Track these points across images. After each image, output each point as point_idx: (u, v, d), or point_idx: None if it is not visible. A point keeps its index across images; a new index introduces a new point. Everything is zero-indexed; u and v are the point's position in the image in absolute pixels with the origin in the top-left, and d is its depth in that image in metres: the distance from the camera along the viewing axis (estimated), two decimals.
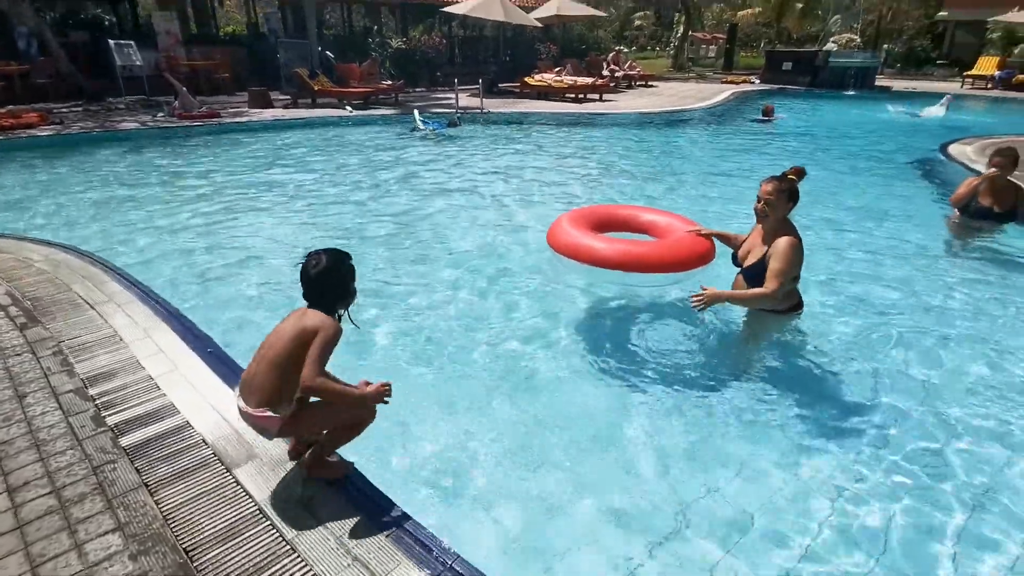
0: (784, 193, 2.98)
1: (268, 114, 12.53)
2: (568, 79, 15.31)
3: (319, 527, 1.98)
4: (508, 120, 12.82)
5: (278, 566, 1.83)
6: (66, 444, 2.38)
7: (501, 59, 20.65)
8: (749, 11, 32.31)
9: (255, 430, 2.09)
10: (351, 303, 2.16)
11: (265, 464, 2.28)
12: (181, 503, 2.08)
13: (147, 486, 2.16)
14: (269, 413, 1.96)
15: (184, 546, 1.90)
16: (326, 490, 2.15)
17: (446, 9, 17.38)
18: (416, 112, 11.71)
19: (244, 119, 11.80)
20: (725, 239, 3.53)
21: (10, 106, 12.27)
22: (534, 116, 13.23)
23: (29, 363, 2.96)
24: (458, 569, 1.83)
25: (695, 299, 2.90)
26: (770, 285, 2.93)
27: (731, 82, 21.10)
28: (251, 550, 1.88)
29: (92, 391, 2.72)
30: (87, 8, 19.60)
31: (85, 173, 8.04)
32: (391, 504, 2.10)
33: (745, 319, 3.56)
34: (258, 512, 2.05)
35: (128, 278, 4.07)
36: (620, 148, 10.44)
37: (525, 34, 21.49)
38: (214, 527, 1.98)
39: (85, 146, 9.58)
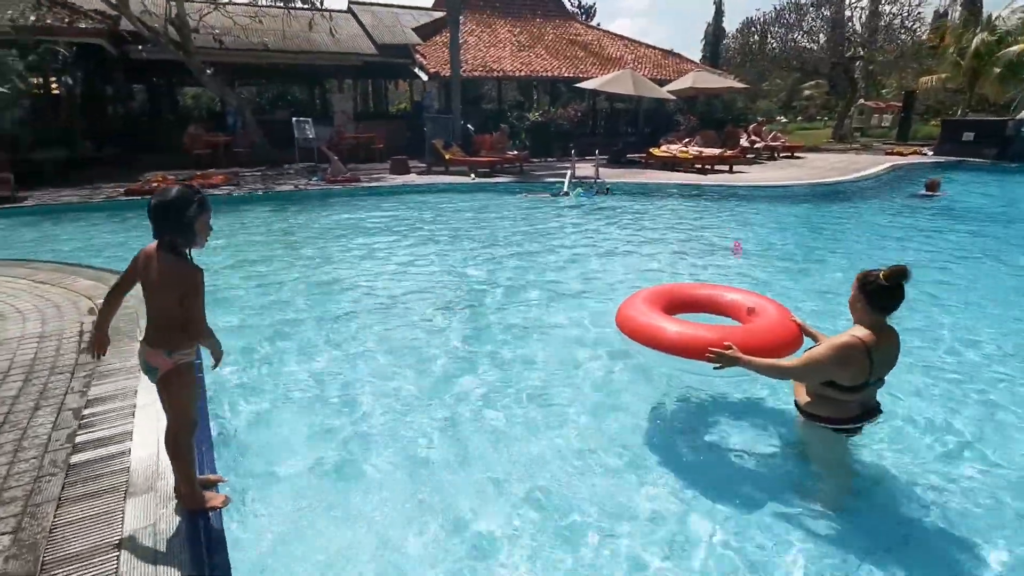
0: (856, 284, 2.61)
1: (401, 179, 13.93)
2: (694, 149, 14.95)
3: (153, 565, 2.11)
4: (624, 190, 12.76)
5: None
6: (35, 454, 2.82)
7: (639, 129, 20.85)
8: (934, 76, 29.09)
9: (145, 370, 2.30)
10: (193, 244, 2.23)
11: (158, 497, 2.49)
12: (70, 521, 2.35)
13: (59, 500, 2.48)
14: (163, 355, 2.21)
15: (43, 560, 2.14)
16: (180, 532, 2.28)
17: (580, 85, 18.12)
18: (567, 177, 12.43)
19: (377, 184, 13.25)
20: (810, 335, 3.13)
21: (210, 169, 15.15)
22: (652, 187, 13.06)
23: (63, 382, 3.58)
24: None
25: (711, 354, 2.67)
26: (793, 360, 2.64)
27: (897, 153, 18.97)
28: None
29: (85, 411, 3.20)
30: (292, 91, 23.77)
31: (232, 221, 9.57)
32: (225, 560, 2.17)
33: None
34: (116, 542, 2.23)
35: None
36: (735, 221, 9.87)
37: (665, 106, 21.54)
38: (75, 549, 2.19)
39: (245, 203, 11.45)
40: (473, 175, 14.25)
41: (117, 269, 6.24)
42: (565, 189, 12.13)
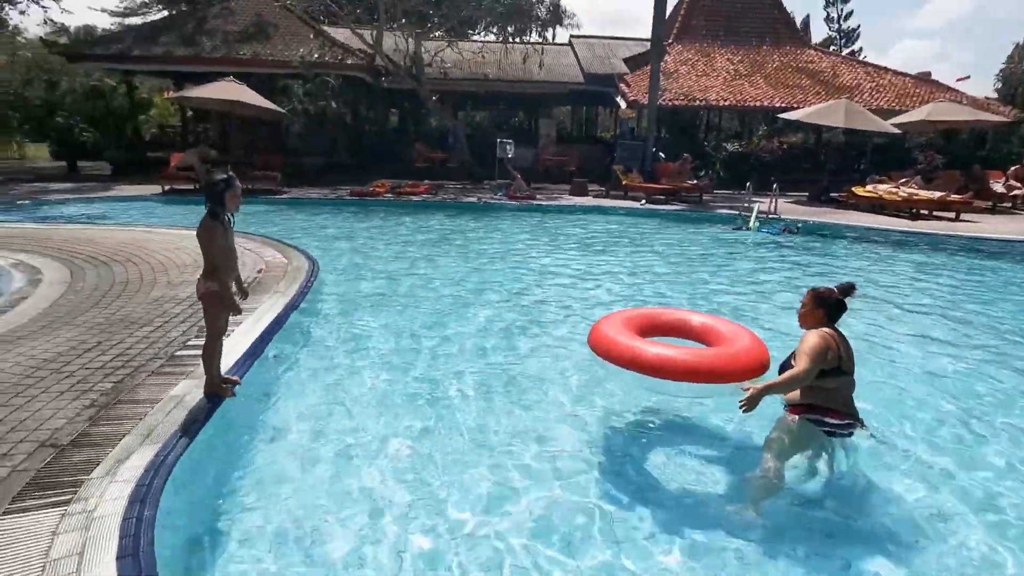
0: (810, 300, 3.12)
1: (576, 200, 14.71)
2: (906, 191, 12.88)
3: (182, 410, 3.15)
4: (814, 230, 11.53)
5: None
6: (161, 347, 4.19)
7: (864, 166, 18.48)
8: None
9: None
10: (226, 210, 3.23)
11: (197, 380, 3.58)
12: (157, 379, 3.56)
13: (153, 372, 3.73)
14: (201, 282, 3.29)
15: (128, 386, 3.34)
16: (200, 402, 3.31)
17: (784, 116, 16.87)
18: (755, 211, 11.77)
19: (549, 203, 14.21)
20: None
21: (426, 181, 17.80)
22: (846, 229, 11.61)
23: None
24: None
25: (742, 402, 2.81)
26: (799, 365, 2.90)
27: None
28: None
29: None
30: (509, 116, 26.36)
31: (416, 220, 11.35)
32: None
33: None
34: (171, 395, 3.35)
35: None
36: (950, 283, 7.70)
37: (903, 140, 18.74)
38: (144, 396, 3.36)
39: (432, 208, 13.36)
40: (644, 201, 14.37)
41: (306, 244, 8.13)
42: (750, 224, 11.38)
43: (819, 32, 51.69)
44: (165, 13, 27.43)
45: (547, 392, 4.12)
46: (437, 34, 18.79)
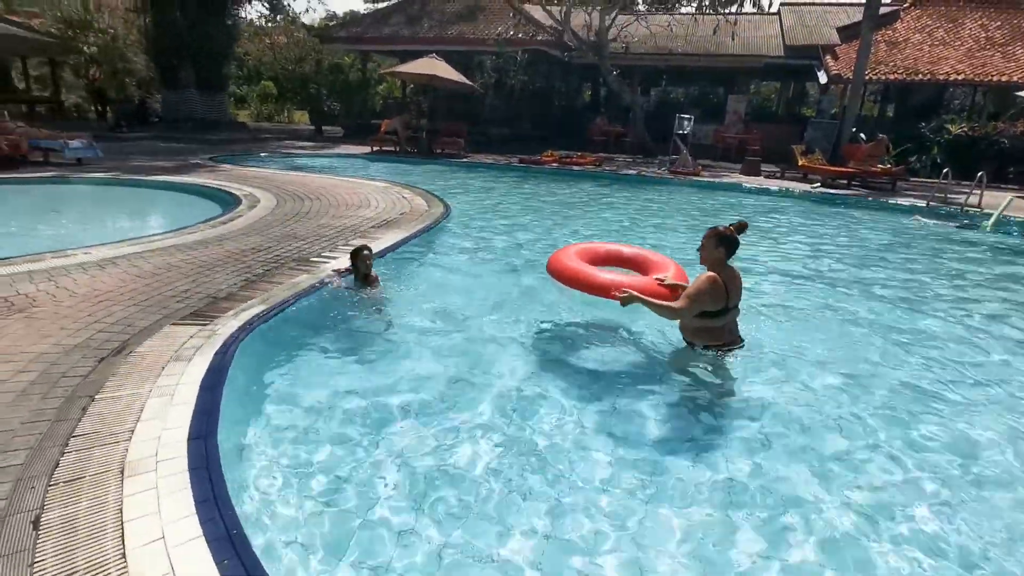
0: (711, 239, 3.42)
1: (743, 179, 14.11)
2: None
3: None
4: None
5: None
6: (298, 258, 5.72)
7: None
8: None
9: None
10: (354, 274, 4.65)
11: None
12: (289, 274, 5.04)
13: (285, 273, 5.22)
14: None
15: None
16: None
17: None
18: (1002, 206, 9.82)
19: (711, 179, 13.86)
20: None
21: (600, 153, 18.38)
22: None
23: (359, 232, 6.56)
24: None
25: (619, 296, 3.49)
26: (680, 302, 3.45)
27: None
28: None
29: (343, 245, 6.02)
30: (695, 91, 25.32)
31: (569, 187, 12.18)
32: None
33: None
34: None
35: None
36: None
37: None
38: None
39: (590, 178, 14.01)
40: (819, 185, 13.22)
41: (455, 197, 9.51)
42: (991, 223, 9.38)
43: None
44: None
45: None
46: (625, 9, 18.94)
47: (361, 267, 4.79)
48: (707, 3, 18.49)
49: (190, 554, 1.95)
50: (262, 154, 15.52)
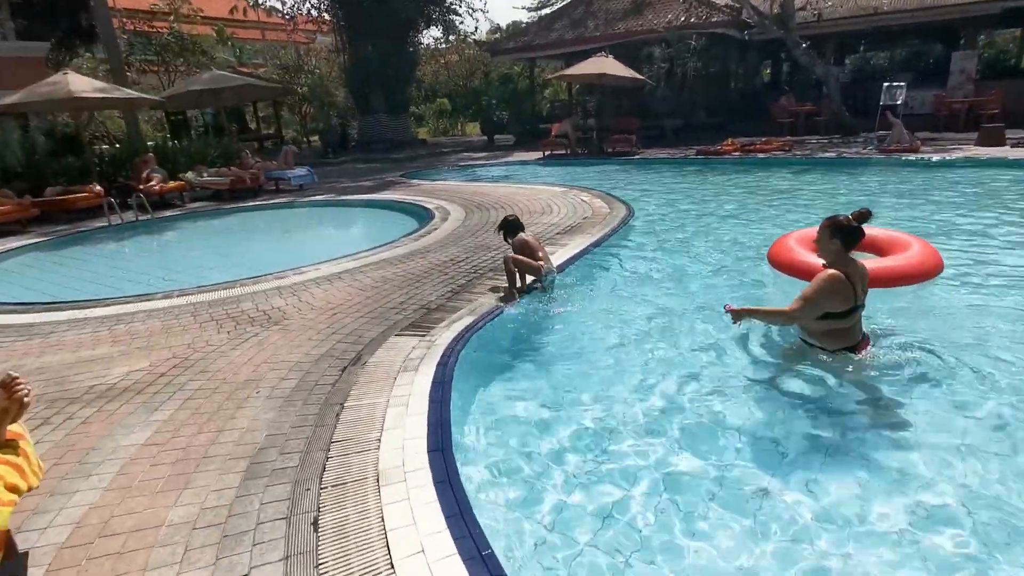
0: (825, 230, 3.12)
1: (981, 152, 11.75)
2: None
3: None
4: None
5: None
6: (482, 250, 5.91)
7: None
8: None
9: None
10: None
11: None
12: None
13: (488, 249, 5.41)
14: None
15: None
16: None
17: None
18: None
19: (936, 155, 11.71)
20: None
21: (787, 137, 16.66)
22: None
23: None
24: None
25: (731, 312, 3.27)
26: (791, 305, 3.13)
27: None
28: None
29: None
30: (904, 53, 21.69)
31: (743, 178, 11.21)
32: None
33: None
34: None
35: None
36: None
37: None
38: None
39: (776, 165, 12.71)
40: None
41: (633, 198, 9.25)
42: None
43: None
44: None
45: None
46: None
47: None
48: None
49: (450, 572, 2.00)
50: (444, 168, 16.61)
